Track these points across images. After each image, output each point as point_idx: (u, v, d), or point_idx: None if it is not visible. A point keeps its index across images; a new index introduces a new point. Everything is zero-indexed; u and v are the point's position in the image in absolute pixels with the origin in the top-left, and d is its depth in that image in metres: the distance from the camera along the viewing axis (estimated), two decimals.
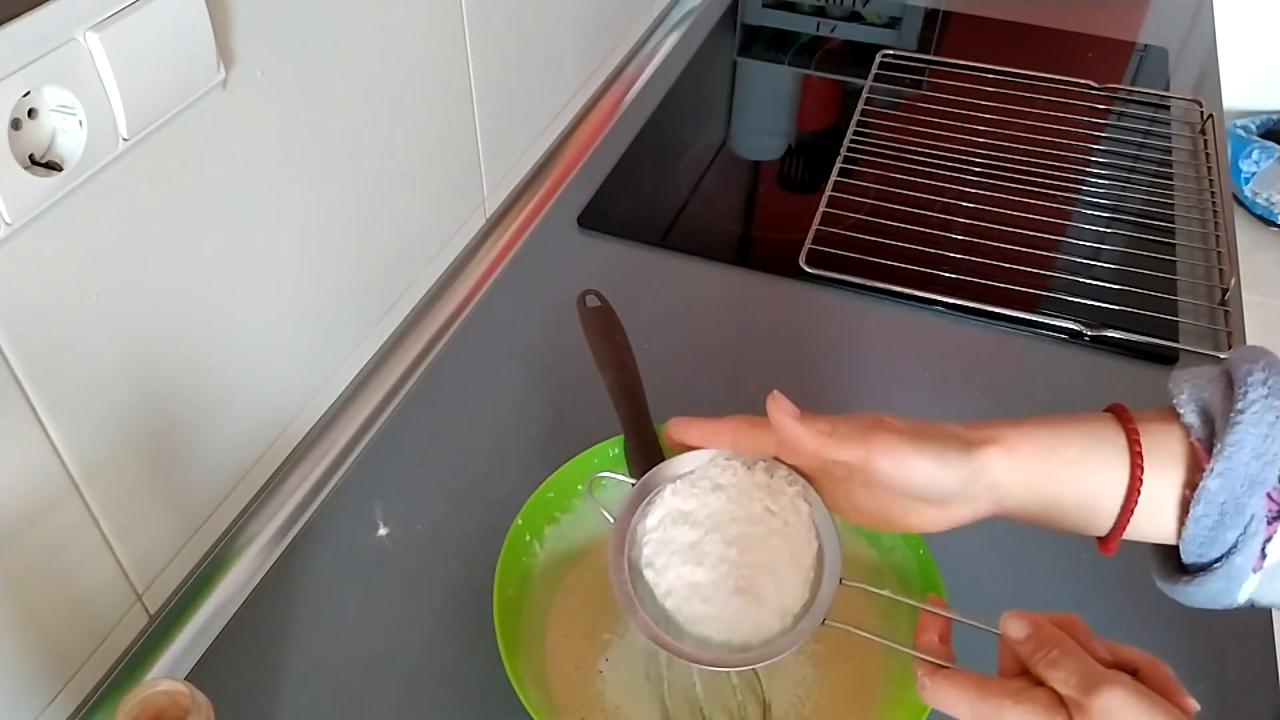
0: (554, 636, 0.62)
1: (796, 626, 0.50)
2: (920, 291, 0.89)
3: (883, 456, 0.46)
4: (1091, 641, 0.43)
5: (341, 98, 0.69)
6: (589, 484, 0.58)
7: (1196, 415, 0.45)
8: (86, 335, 0.53)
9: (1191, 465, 0.45)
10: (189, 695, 0.46)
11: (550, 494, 0.64)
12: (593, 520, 0.66)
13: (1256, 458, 0.43)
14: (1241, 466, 0.43)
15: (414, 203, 0.83)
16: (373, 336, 0.82)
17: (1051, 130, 1.09)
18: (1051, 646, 0.42)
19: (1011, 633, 0.43)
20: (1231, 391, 0.44)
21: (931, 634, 0.46)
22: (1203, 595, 0.46)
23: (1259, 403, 0.43)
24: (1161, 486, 0.45)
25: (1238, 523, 0.43)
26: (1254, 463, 0.43)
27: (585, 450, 0.65)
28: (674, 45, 1.27)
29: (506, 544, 0.60)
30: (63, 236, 0.50)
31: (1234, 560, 0.44)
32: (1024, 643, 0.42)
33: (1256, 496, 0.43)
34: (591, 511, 0.65)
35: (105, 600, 0.60)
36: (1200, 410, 0.45)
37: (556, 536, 0.64)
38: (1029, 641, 0.42)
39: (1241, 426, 0.43)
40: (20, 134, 0.47)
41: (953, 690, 0.43)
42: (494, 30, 0.87)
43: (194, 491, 0.66)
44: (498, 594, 0.58)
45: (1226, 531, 0.44)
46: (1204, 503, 0.44)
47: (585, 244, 0.95)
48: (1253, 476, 0.43)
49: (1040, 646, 0.42)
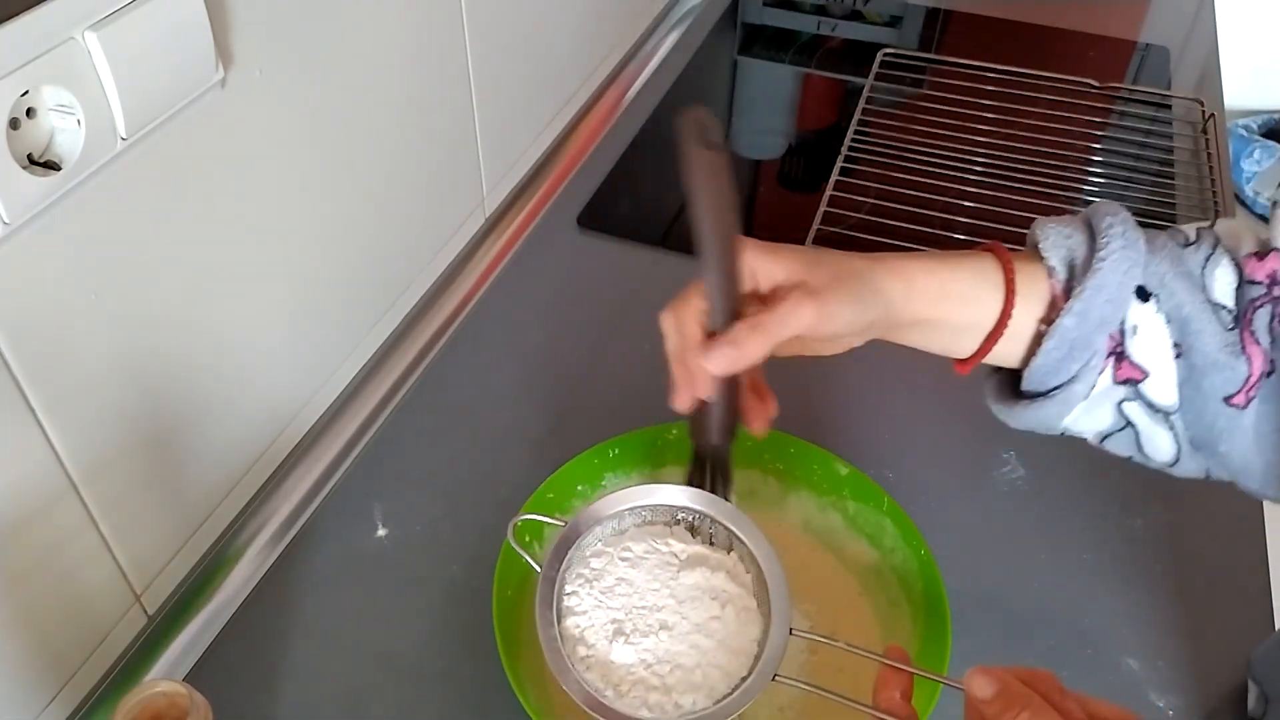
0: None
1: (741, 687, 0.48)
2: None
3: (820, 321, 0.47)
4: (1064, 699, 0.41)
5: (340, 97, 0.69)
6: (510, 529, 0.55)
7: (1060, 261, 0.49)
8: (85, 335, 0.53)
9: (1050, 304, 0.49)
10: (187, 696, 0.46)
11: (550, 494, 0.64)
12: None
13: (1110, 301, 0.47)
14: (1096, 309, 0.47)
15: (413, 202, 0.83)
16: (372, 336, 0.82)
17: (1053, 129, 1.09)
18: (1020, 708, 0.40)
19: (976, 691, 0.41)
20: (1093, 240, 0.48)
21: (893, 690, 0.45)
22: (1035, 419, 0.51)
23: (1118, 253, 0.47)
24: (1022, 318, 0.50)
25: (1083, 356, 0.48)
26: (1107, 306, 0.47)
27: (585, 450, 0.65)
28: (674, 44, 1.27)
29: (506, 544, 0.60)
30: (61, 236, 0.50)
31: (1073, 387, 0.49)
32: (990, 703, 0.41)
33: (1102, 335, 0.48)
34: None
35: (104, 601, 0.60)
36: (1065, 257, 0.49)
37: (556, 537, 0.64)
38: (996, 701, 0.41)
39: (1102, 272, 0.47)
40: (19, 133, 0.46)
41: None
42: (493, 29, 0.87)
43: (193, 492, 0.66)
44: (497, 594, 0.58)
45: (1072, 363, 0.48)
46: (1057, 337, 0.48)
47: (585, 244, 0.95)
48: (1104, 318, 0.47)
49: (1008, 707, 0.40)
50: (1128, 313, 0.48)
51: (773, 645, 0.49)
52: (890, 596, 0.62)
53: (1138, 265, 0.48)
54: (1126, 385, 0.49)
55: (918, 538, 0.61)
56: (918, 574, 0.61)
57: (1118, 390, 0.49)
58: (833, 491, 0.66)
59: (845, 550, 0.65)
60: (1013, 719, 0.40)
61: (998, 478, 0.73)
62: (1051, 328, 0.48)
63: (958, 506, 0.71)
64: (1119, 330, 0.48)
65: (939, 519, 0.65)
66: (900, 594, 0.62)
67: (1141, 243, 0.48)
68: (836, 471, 0.66)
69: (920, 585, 0.60)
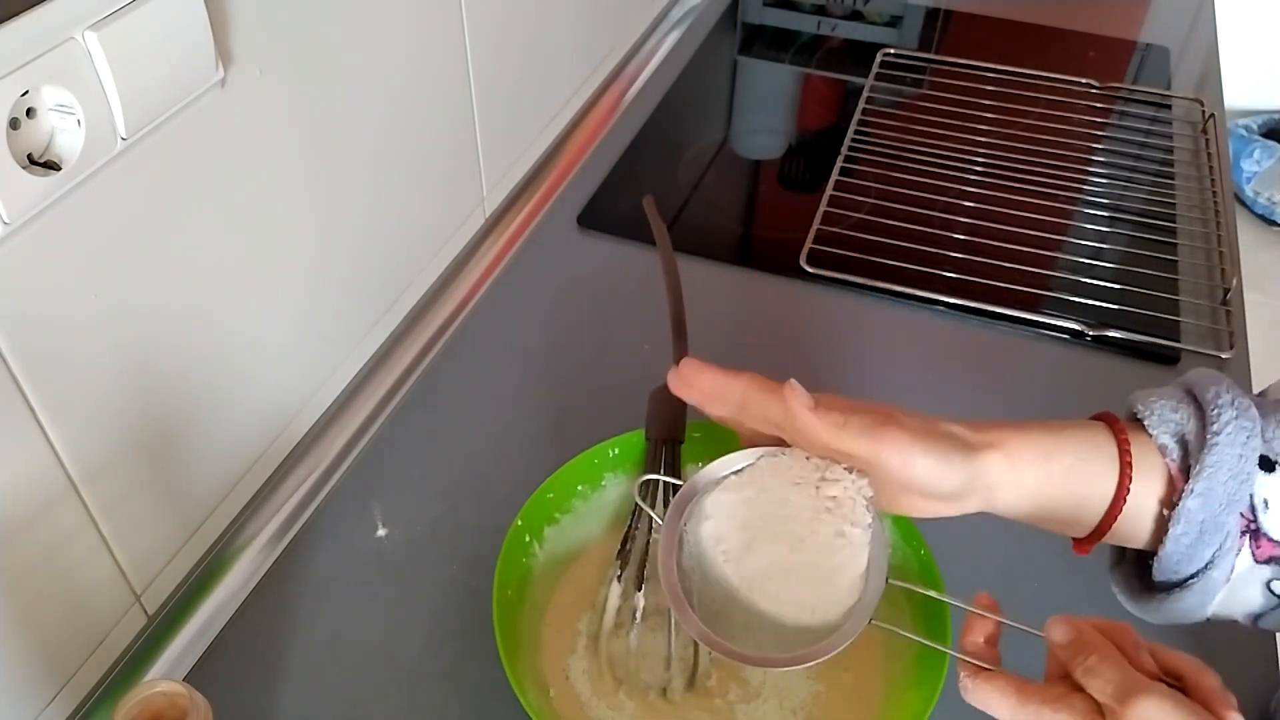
0: (552, 636, 0.61)
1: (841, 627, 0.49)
2: (921, 291, 0.89)
3: (891, 454, 0.47)
4: (1137, 650, 0.43)
5: (340, 97, 0.69)
6: (636, 487, 0.58)
7: (1172, 438, 0.46)
8: (85, 335, 0.53)
9: (1168, 483, 0.46)
10: (187, 696, 0.46)
11: (550, 494, 0.64)
12: (592, 521, 0.66)
13: (1233, 477, 0.44)
14: (1220, 486, 0.44)
15: (413, 202, 0.83)
16: (372, 336, 0.82)
17: (1053, 129, 1.09)
18: (1090, 653, 0.42)
19: (1055, 637, 0.43)
20: (1199, 412, 0.46)
21: (978, 635, 0.46)
22: (1177, 611, 0.47)
23: (1231, 424, 0.45)
24: (1143, 496, 0.47)
25: (1215, 540, 0.45)
26: (1231, 482, 0.44)
27: (585, 450, 0.65)
28: (674, 44, 1.27)
29: (506, 544, 0.60)
30: (61, 236, 0.50)
31: (1210, 574, 0.46)
32: (1065, 648, 0.43)
33: (1232, 514, 0.45)
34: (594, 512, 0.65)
35: (104, 601, 0.60)
36: (1174, 432, 0.46)
37: (556, 537, 0.64)
38: (1069, 647, 0.43)
39: (1219, 448, 0.44)
40: (19, 133, 0.46)
41: (994, 693, 0.43)
42: (494, 29, 0.87)
43: (193, 492, 0.66)
44: (497, 594, 0.58)
45: (1204, 549, 0.45)
46: (1184, 521, 0.45)
47: (585, 244, 0.95)
48: (1230, 495, 0.44)
49: (1079, 652, 0.42)
50: (1255, 488, 0.45)
51: (871, 591, 0.50)
52: (889, 596, 0.62)
53: (1256, 435, 0.45)
54: (1271, 564, 0.46)
55: (918, 538, 0.61)
56: (918, 574, 0.60)
57: (1262, 570, 0.46)
58: None
59: None
60: (1083, 664, 0.41)
61: None
62: (1175, 511, 0.45)
63: None
64: (1249, 507, 0.45)
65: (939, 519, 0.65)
66: (900, 594, 0.61)
67: (1254, 410, 0.46)
68: None
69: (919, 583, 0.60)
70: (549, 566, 0.63)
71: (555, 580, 0.64)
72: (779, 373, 0.53)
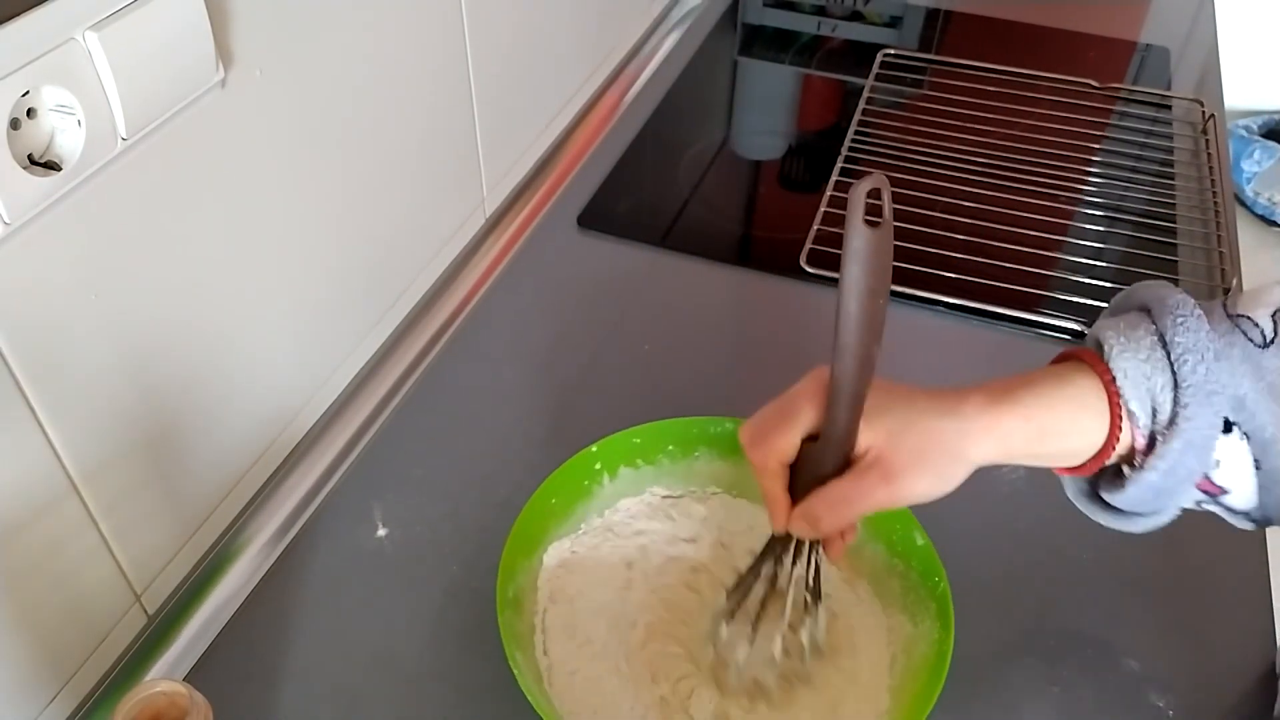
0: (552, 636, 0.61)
1: None
2: (921, 291, 0.89)
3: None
4: None
5: (341, 97, 0.69)
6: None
7: (1142, 407, 0.47)
8: (85, 335, 0.53)
9: (1130, 446, 0.48)
10: (187, 696, 0.46)
11: (551, 496, 0.64)
12: None
13: (1198, 457, 0.46)
14: (1184, 469, 0.47)
15: (413, 202, 0.83)
16: (372, 336, 0.82)
17: (1053, 130, 1.09)
18: None
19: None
20: (1168, 361, 0.46)
21: None
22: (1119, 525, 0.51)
23: (1203, 402, 0.45)
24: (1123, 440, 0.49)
25: (1168, 500, 0.49)
26: (1194, 461, 0.46)
27: (584, 450, 0.65)
28: (674, 45, 1.27)
29: (507, 544, 0.60)
30: (61, 236, 0.50)
31: (1158, 517, 0.50)
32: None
33: (1191, 482, 0.48)
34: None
35: (104, 601, 0.60)
36: (1146, 402, 0.47)
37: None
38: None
39: (1186, 431, 0.46)
40: (19, 134, 0.46)
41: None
42: (494, 29, 0.87)
43: (193, 492, 0.66)
44: (500, 594, 0.58)
45: (1158, 503, 0.49)
46: (1143, 484, 0.47)
47: (585, 244, 0.95)
48: (1191, 470, 0.47)
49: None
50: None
51: None
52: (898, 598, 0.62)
53: (1223, 409, 0.46)
54: (1206, 495, 0.49)
55: (923, 536, 0.61)
56: (917, 562, 0.61)
57: (1197, 494, 0.49)
58: None
59: (862, 551, 0.65)
60: None
61: (998, 478, 0.73)
62: (1136, 475, 0.47)
63: (958, 506, 0.71)
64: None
65: (939, 519, 0.65)
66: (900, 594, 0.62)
67: (1224, 374, 0.46)
68: None
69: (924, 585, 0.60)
70: (549, 566, 0.63)
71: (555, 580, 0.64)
72: (779, 373, 0.53)
